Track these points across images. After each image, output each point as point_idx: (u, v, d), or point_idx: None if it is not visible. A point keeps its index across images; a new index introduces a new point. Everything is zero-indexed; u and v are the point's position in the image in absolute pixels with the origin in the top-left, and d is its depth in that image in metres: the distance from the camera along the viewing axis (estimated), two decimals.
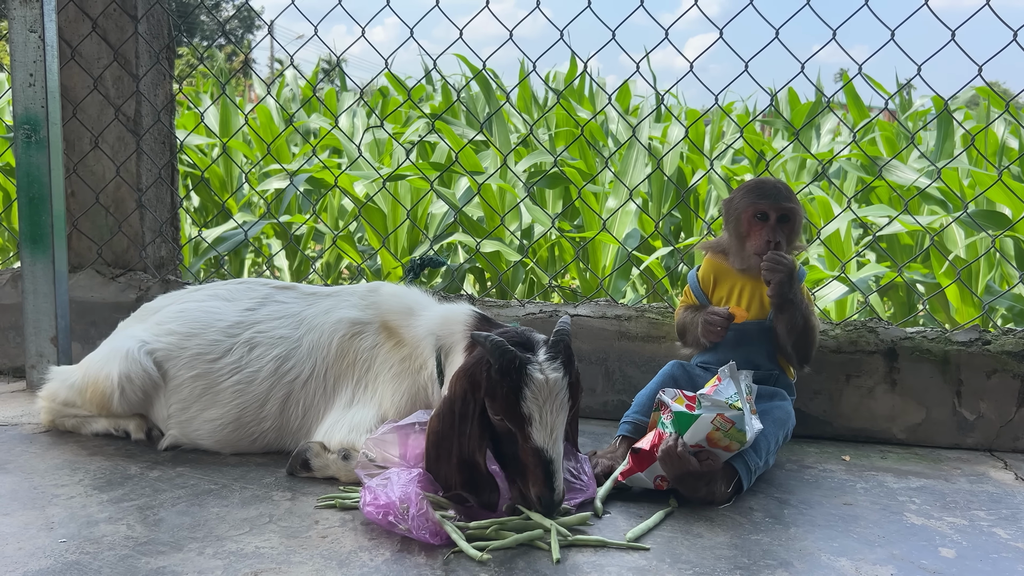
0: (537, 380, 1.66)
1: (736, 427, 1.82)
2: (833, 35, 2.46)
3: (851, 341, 2.42)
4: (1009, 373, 2.33)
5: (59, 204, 2.66)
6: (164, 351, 2.11)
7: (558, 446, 1.67)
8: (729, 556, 1.63)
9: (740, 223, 2.11)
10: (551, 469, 1.65)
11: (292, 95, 8.23)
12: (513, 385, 1.65)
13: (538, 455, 1.65)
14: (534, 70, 2.79)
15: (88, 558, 1.56)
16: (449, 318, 1.94)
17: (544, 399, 1.66)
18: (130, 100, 2.94)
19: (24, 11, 2.55)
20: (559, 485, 1.66)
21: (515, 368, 1.66)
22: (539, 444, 1.66)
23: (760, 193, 2.09)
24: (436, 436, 1.74)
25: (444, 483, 1.74)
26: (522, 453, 1.67)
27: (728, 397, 1.84)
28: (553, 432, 1.66)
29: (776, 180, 2.13)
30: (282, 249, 5.56)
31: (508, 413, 1.67)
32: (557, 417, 1.67)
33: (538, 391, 1.66)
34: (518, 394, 1.65)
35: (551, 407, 1.67)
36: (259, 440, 2.10)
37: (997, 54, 2.38)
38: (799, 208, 2.10)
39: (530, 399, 1.65)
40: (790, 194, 2.10)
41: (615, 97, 6.37)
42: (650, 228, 4.76)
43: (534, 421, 1.66)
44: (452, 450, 1.71)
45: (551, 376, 1.67)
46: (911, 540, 1.74)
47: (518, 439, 1.68)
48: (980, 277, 4.30)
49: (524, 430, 1.66)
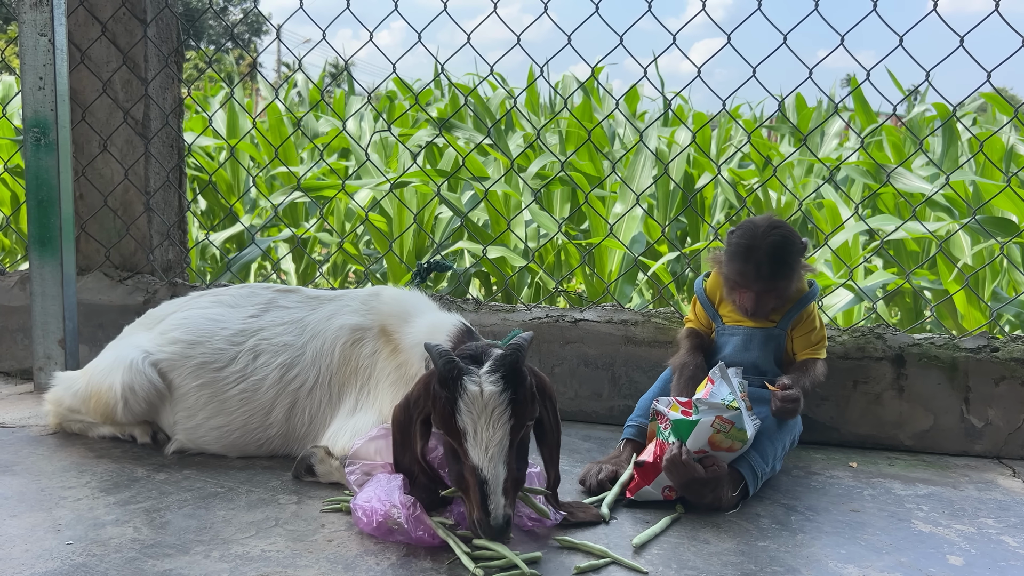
0: (471, 392, 1.57)
1: (736, 426, 1.82)
2: (841, 41, 2.46)
3: (859, 347, 2.41)
4: (1018, 380, 2.32)
5: (67, 207, 2.67)
6: (168, 361, 2.10)
7: (496, 467, 1.56)
8: (736, 562, 1.62)
9: (727, 279, 2.09)
10: (485, 491, 1.55)
11: (300, 98, 8.25)
12: (450, 396, 1.59)
13: (474, 474, 1.57)
14: (542, 74, 2.79)
15: (95, 560, 1.56)
16: (436, 328, 1.90)
17: (479, 413, 1.57)
18: (139, 103, 2.95)
19: (34, 15, 2.57)
20: (496, 510, 1.55)
21: (452, 378, 1.59)
22: (474, 462, 1.57)
23: (742, 267, 2.02)
24: (398, 426, 1.72)
25: (406, 471, 1.72)
26: (464, 471, 1.59)
27: (723, 398, 1.84)
28: (489, 450, 1.56)
29: (768, 244, 2.00)
30: (289, 253, 5.57)
31: (445, 426, 1.60)
32: (494, 435, 1.57)
33: (471, 404, 1.57)
34: (453, 406, 1.58)
35: (486, 423, 1.57)
36: (265, 446, 2.10)
37: (1006, 60, 2.37)
38: (784, 280, 2.03)
39: (464, 412, 1.57)
40: (776, 268, 2.00)
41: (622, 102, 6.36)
42: (656, 233, 4.75)
43: (468, 436, 1.58)
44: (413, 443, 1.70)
45: (487, 389, 1.58)
46: (919, 547, 1.73)
47: (459, 456, 1.60)
48: (987, 283, 4.28)
49: (462, 446, 1.59)
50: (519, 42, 2.72)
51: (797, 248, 2.05)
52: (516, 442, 1.61)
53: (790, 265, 2.03)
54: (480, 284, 5.23)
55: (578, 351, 2.59)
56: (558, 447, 1.77)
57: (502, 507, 1.55)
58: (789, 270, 2.04)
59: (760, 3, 2.52)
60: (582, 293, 5.23)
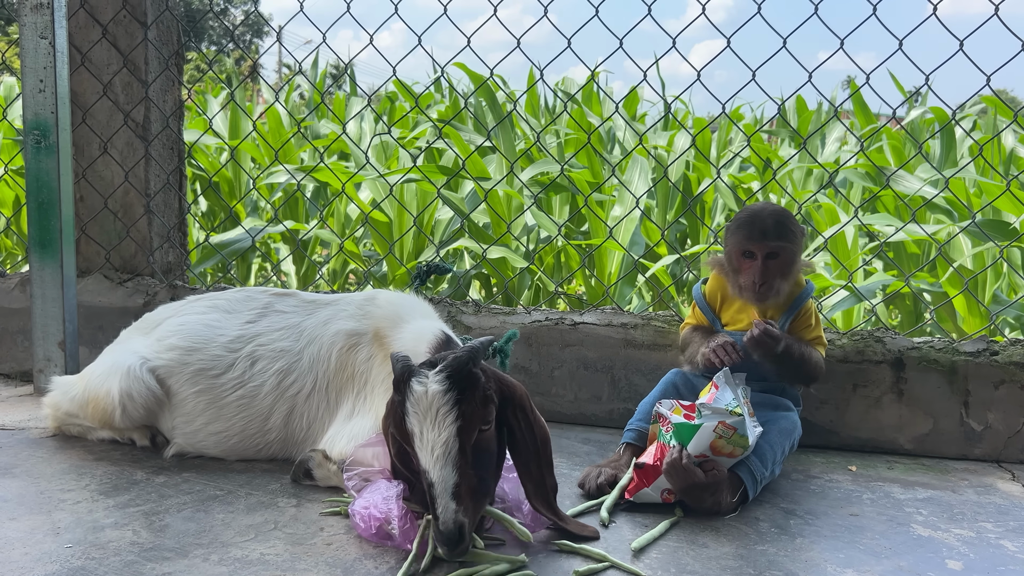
0: (416, 392, 1.55)
1: (738, 432, 1.82)
2: (841, 44, 2.46)
3: (858, 351, 2.41)
4: (1017, 384, 2.32)
5: (68, 209, 2.67)
6: (166, 367, 2.10)
7: (442, 470, 1.53)
8: (734, 567, 1.62)
9: (731, 258, 2.10)
10: (432, 494, 1.52)
11: (303, 99, 8.26)
12: (400, 399, 1.58)
13: (422, 478, 1.55)
14: (542, 78, 2.79)
15: (94, 564, 1.56)
16: (419, 336, 1.89)
17: (423, 414, 1.54)
18: (139, 106, 2.95)
19: (35, 17, 2.57)
20: (445, 514, 1.50)
21: (403, 380, 1.57)
22: (423, 464, 1.55)
23: (748, 231, 2.04)
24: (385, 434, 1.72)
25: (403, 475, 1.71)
26: (420, 477, 1.57)
27: (727, 404, 1.84)
28: (434, 452, 1.53)
29: (770, 212, 2.06)
30: (289, 255, 5.58)
31: (399, 430, 1.59)
32: (440, 435, 1.53)
33: (416, 404, 1.55)
34: (403, 407, 1.57)
35: (431, 423, 1.54)
36: (264, 450, 2.10)
37: (1005, 64, 2.37)
38: (789, 244, 2.04)
39: (411, 413, 1.55)
40: (781, 229, 2.03)
41: (622, 104, 6.36)
42: (656, 236, 4.76)
43: (414, 439, 1.56)
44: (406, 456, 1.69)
45: (431, 389, 1.54)
46: (918, 552, 1.73)
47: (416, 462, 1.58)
48: (987, 287, 4.28)
49: (413, 449, 1.57)
50: (519, 45, 2.73)
51: (796, 223, 2.08)
52: (469, 446, 1.57)
53: (792, 231, 2.05)
54: (480, 286, 5.23)
55: (578, 354, 2.59)
56: (538, 456, 1.70)
57: (452, 511, 1.50)
58: (792, 235, 2.05)
59: (760, 6, 2.53)
60: (582, 295, 5.23)
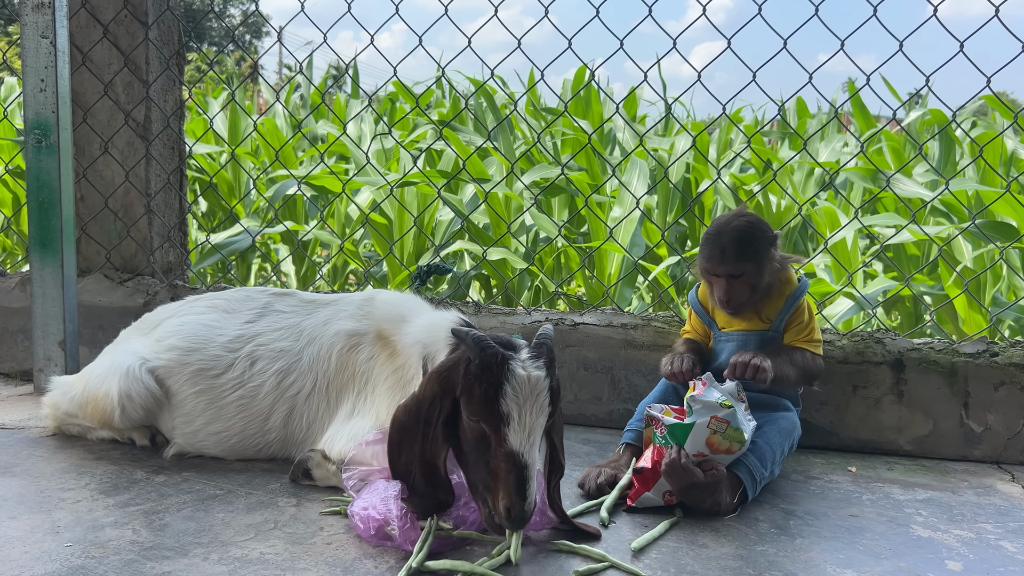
0: (519, 376, 1.57)
1: (732, 426, 1.82)
2: (841, 46, 2.46)
3: (858, 352, 2.41)
4: (1017, 385, 2.32)
5: (68, 208, 2.67)
6: (165, 368, 2.10)
7: (534, 453, 1.58)
8: (734, 567, 1.62)
9: (702, 272, 2.13)
10: (524, 475, 1.55)
11: (303, 101, 8.26)
12: (493, 381, 1.57)
13: (511, 459, 1.55)
14: (542, 79, 2.79)
15: (93, 563, 1.56)
16: (435, 325, 1.88)
17: (524, 398, 1.57)
18: (140, 106, 2.95)
19: (36, 17, 2.57)
20: (531, 495, 1.55)
21: (496, 363, 1.58)
22: (514, 447, 1.56)
23: (709, 252, 2.06)
24: (400, 427, 1.69)
25: (402, 475, 1.68)
26: (494, 459, 1.57)
27: (716, 397, 1.84)
28: (531, 436, 1.57)
29: (732, 229, 2.04)
30: (289, 255, 5.57)
31: (485, 412, 1.58)
32: (536, 420, 1.59)
33: (519, 388, 1.57)
34: (498, 390, 1.56)
35: (531, 408, 1.58)
36: (264, 450, 2.10)
37: (1006, 66, 2.38)
38: (750, 263, 2.03)
39: (510, 396, 1.56)
40: (741, 249, 2.02)
41: (622, 105, 6.37)
42: (656, 237, 4.76)
43: (512, 421, 1.56)
44: (415, 445, 1.67)
45: (533, 374, 1.59)
46: (918, 552, 1.73)
47: (491, 443, 1.58)
48: (987, 288, 4.28)
49: (500, 431, 1.57)
50: (519, 46, 2.73)
51: (764, 235, 2.06)
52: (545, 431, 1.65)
53: (756, 249, 2.04)
54: (480, 287, 5.24)
55: (578, 354, 2.59)
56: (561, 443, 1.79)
57: (534, 492, 1.56)
58: (755, 254, 2.04)
59: (760, 7, 2.53)
60: (582, 296, 5.23)
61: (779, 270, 2.11)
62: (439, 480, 1.68)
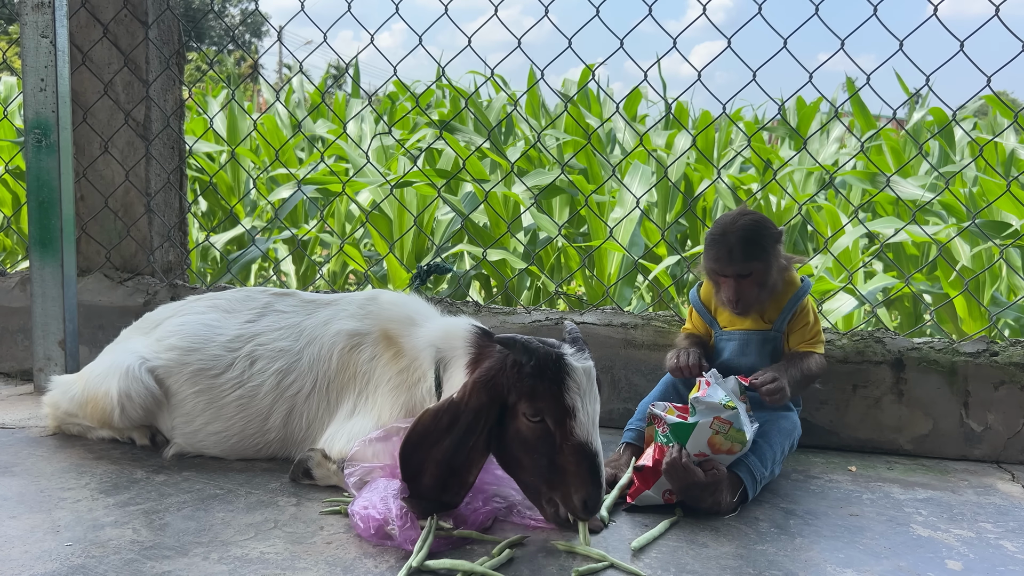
0: (577, 369, 1.66)
1: (734, 427, 1.82)
2: (841, 45, 2.46)
3: (858, 351, 2.41)
4: (1017, 385, 2.32)
5: (68, 208, 2.67)
6: (165, 367, 2.10)
7: (598, 440, 1.66)
8: (734, 566, 1.62)
9: (708, 274, 2.12)
10: (596, 463, 1.63)
11: (301, 100, 8.26)
12: (555, 378, 1.64)
13: (581, 451, 1.62)
14: (542, 78, 2.79)
15: (94, 562, 1.57)
16: (450, 331, 1.89)
17: (584, 389, 1.66)
18: (140, 105, 2.95)
19: (36, 16, 2.57)
20: (603, 480, 1.64)
21: (553, 361, 1.65)
22: (583, 438, 1.63)
23: (716, 253, 2.04)
24: (424, 430, 1.68)
25: (411, 475, 1.67)
26: (560, 455, 1.64)
27: (720, 398, 1.84)
28: (594, 424, 1.66)
29: (738, 228, 2.03)
30: (289, 255, 5.57)
31: (552, 409, 1.64)
32: (594, 407, 1.67)
33: (580, 380, 1.65)
34: (561, 386, 1.64)
35: (590, 397, 1.67)
36: (264, 450, 2.10)
37: (1005, 66, 2.38)
38: (758, 262, 2.02)
39: (573, 390, 1.64)
40: (749, 249, 2.01)
41: (622, 105, 6.36)
42: (656, 236, 4.76)
43: (577, 413, 1.64)
44: (436, 449, 1.66)
45: (587, 365, 1.68)
46: (918, 552, 1.73)
47: (556, 440, 1.64)
48: (987, 287, 4.28)
49: (565, 425, 1.63)
50: (519, 45, 2.73)
51: (770, 232, 2.05)
52: None
53: (763, 247, 2.03)
54: (480, 286, 5.24)
55: None
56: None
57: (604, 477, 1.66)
58: (762, 252, 2.03)
59: (760, 7, 2.53)
60: (582, 296, 5.23)
61: (784, 268, 2.11)
62: (456, 486, 1.68)
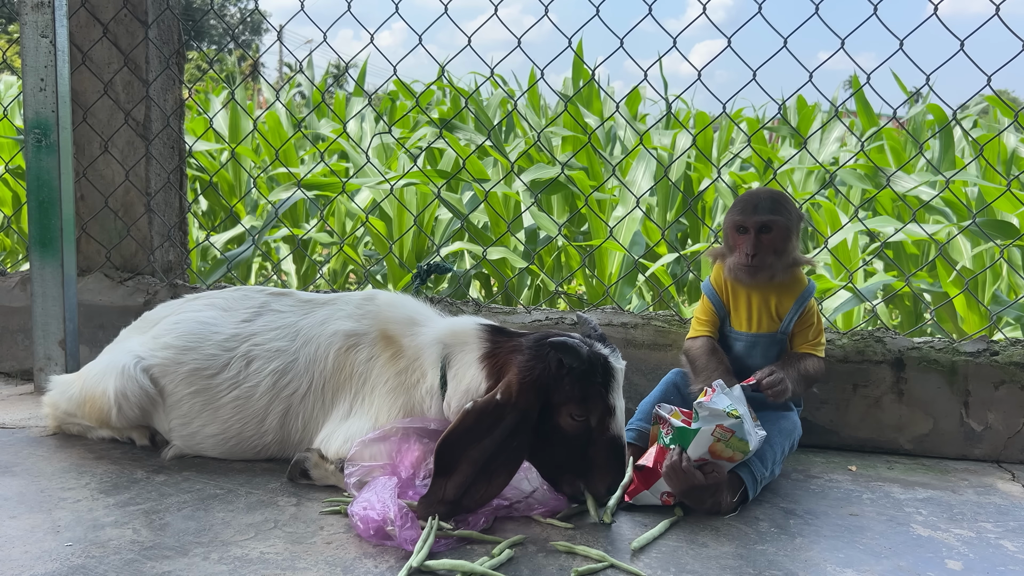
0: (617, 369, 1.76)
1: (736, 436, 1.81)
2: (841, 44, 2.46)
3: (858, 351, 2.41)
4: (1017, 384, 2.32)
5: (68, 208, 2.67)
6: (160, 367, 2.09)
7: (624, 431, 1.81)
8: (734, 566, 1.62)
9: (727, 237, 2.12)
10: (624, 454, 1.78)
11: (304, 98, 8.26)
12: (604, 379, 1.73)
13: (615, 444, 1.75)
14: (542, 78, 2.79)
15: (94, 562, 1.57)
16: (458, 328, 1.91)
17: (618, 388, 1.76)
18: (140, 105, 2.95)
19: (36, 16, 2.57)
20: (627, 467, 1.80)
21: (600, 362, 1.73)
22: (617, 432, 1.75)
23: (742, 206, 2.07)
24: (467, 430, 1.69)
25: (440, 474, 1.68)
26: (594, 448, 1.75)
27: (725, 406, 1.83)
28: (623, 418, 1.80)
29: (766, 192, 2.10)
30: (290, 254, 5.58)
31: (598, 407, 1.73)
32: (623, 404, 1.80)
33: (620, 380, 1.76)
34: (607, 388, 1.73)
35: (621, 395, 1.78)
36: (262, 452, 2.09)
37: (1005, 65, 2.37)
38: (781, 218, 2.04)
39: (615, 390, 1.74)
40: (775, 205, 2.04)
41: (623, 104, 6.36)
42: (656, 236, 4.76)
43: (616, 411, 1.75)
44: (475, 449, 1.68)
45: (623, 364, 1.79)
46: (918, 552, 1.73)
47: (593, 435, 1.74)
48: (987, 287, 4.28)
49: (605, 422, 1.74)
50: (519, 45, 2.73)
51: (794, 206, 2.10)
52: None
53: (788, 210, 2.06)
54: (480, 286, 5.24)
55: None
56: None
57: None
58: (787, 212, 2.06)
59: (761, 6, 2.53)
60: (582, 295, 5.23)
61: (796, 262, 2.11)
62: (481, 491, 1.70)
